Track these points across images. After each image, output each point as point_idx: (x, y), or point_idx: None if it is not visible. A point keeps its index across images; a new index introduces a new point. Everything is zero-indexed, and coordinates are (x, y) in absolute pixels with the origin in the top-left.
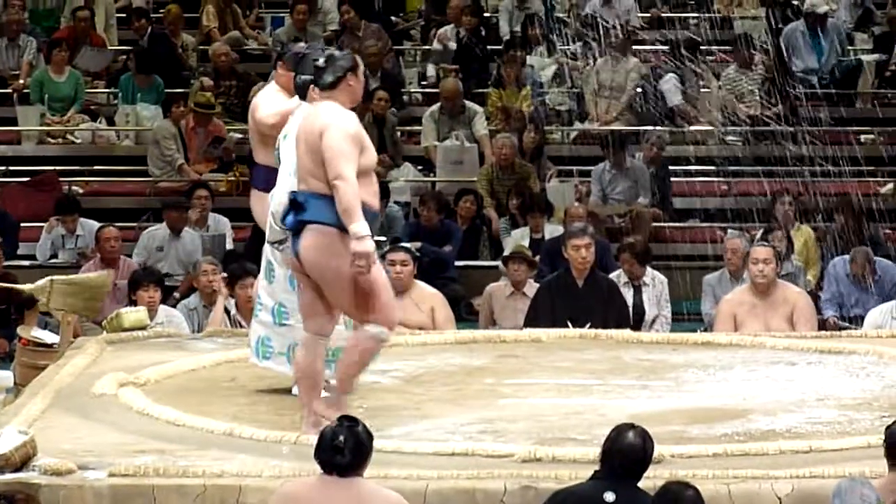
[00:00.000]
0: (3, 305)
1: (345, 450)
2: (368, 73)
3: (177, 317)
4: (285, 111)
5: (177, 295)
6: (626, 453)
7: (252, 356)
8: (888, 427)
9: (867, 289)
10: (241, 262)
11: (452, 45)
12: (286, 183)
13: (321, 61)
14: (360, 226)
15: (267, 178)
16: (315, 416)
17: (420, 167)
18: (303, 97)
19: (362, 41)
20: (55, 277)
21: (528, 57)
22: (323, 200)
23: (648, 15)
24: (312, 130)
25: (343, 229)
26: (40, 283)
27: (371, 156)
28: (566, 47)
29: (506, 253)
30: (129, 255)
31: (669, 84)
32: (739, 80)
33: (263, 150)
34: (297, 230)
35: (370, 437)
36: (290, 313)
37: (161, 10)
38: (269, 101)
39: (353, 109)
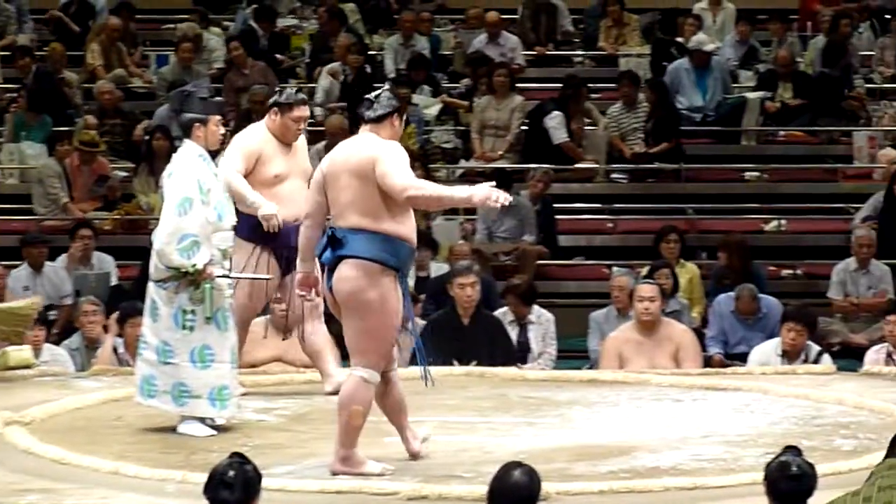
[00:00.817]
0: None
1: (234, 486)
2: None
3: (62, 356)
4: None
5: (56, 331)
6: (512, 492)
7: (137, 395)
8: (767, 465)
9: (752, 326)
10: (131, 301)
11: (337, 84)
12: (171, 222)
13: (371, 95)
14: (462, 189)
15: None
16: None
17: None
18: (186, 135)
19: (248, 79)
20: None
21: (413, 95)
22: (361, 235)
23: (534, 53)
24: (360, 161)
25: (380, 263)
26: None
27: None
28: (451, 85)
29: None
30: None
31: (554, 121)
32: (624, 117)
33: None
34: (332, 266)
35: (259, 476)
36: (175, 352)
37: (45, 49)
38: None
39: None
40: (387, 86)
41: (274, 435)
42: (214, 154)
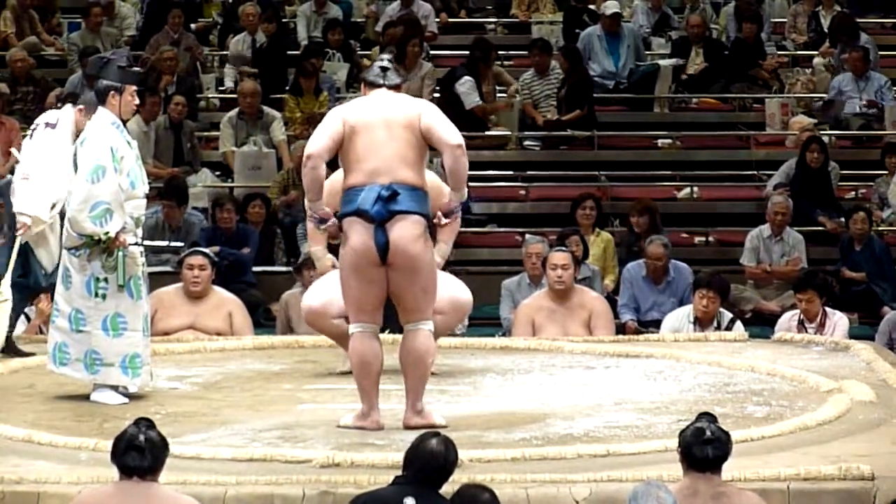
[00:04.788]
0: None
1: (145, 450)
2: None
3: None
4: None
5: None
6: (427, 460)
7: (49, 363)
8: (681, 432)
9: (662, 291)
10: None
11: (250, 52)
12: (84, 189)
13: (386, 62)
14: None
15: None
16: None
17: (218, 173)
18: (101, 102)
19: (180, 45)
20: None
21: (325, 63)
22: (414, 192)
23: (447, 19)
24: (406, 116)
25: (428, 219)
26: None
27: None
28: (365, 52)
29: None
30: None
31: (465, 87)
32: (537, 85)
33: None
34: (384, 220)
35: (165, 441)
36: (87, 319)
37: None
38: None
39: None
40: (387, 55)
41: (187, 402)
42: (125, 122)
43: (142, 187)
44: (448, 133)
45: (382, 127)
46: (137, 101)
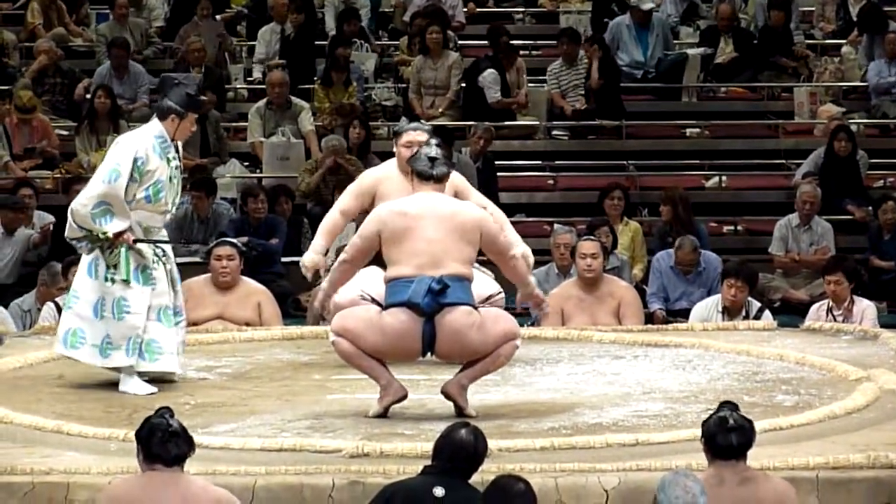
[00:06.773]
0: None
1: (180, 435)
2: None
3: (4, 315)
4: None
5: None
6: (456, 450)
7: (58, 344)
8: (705, 421)
9: (692, 281)
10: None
11: (278, 42)
12: (96, 187)
13: (434, 152)
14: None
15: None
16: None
17: (246, 163)
18: (160, 118)
19: (205, 34)
20: None
21: (353, 53)
22: (462, 282)
23: (475, 8)
24: (462, 218)
25: (475, 308)
26: None
27: None
28: (392, 42)
29: None
30: None
31: (488, 80)
32: (565, 74)
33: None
34: (434, 313)
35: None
36: (105, 305)
37: None
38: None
39: None
40: (434, 141)
41: (216, 393)
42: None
43: (162, 206)
44: (507, 245)
45: (433, 223)
46: (195, 129)
